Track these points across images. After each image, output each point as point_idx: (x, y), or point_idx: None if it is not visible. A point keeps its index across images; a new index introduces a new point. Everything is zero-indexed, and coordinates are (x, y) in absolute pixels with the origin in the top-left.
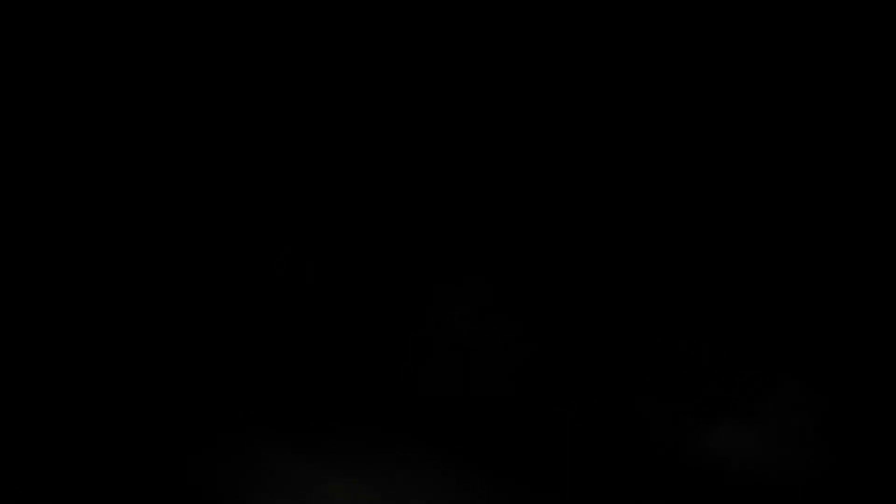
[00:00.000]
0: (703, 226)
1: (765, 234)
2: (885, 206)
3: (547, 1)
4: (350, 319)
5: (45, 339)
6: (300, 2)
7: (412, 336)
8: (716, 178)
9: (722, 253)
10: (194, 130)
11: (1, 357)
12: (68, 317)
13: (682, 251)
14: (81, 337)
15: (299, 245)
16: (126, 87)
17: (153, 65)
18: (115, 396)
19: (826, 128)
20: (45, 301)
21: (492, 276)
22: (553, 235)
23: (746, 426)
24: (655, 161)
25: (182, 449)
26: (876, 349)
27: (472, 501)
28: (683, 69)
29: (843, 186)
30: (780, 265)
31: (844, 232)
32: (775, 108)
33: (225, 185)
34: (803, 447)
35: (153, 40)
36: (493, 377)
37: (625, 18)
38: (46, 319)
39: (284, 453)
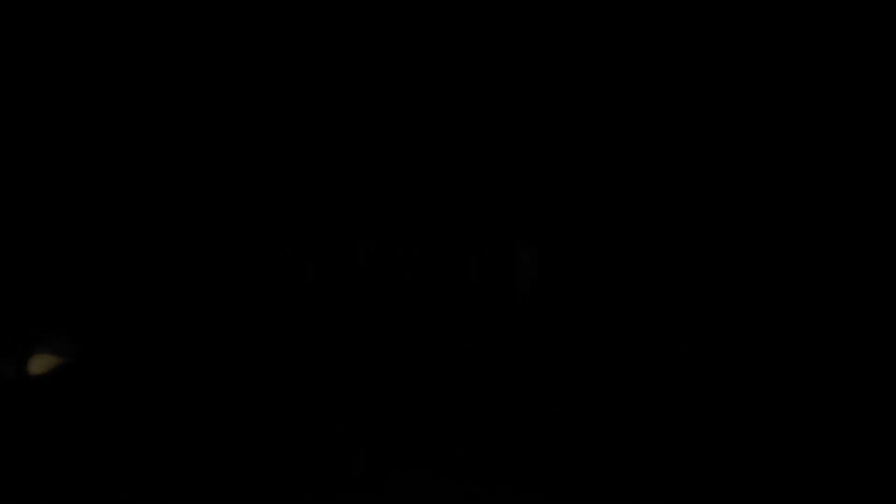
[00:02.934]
0: (703, 227)
1: (764, 234)
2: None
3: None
4: (349, 319)
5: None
6: (300, 3)
7: (412, 336)
8: (716, 179)
9: (721, 254)
10: (196, 132)
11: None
12: (67, 315)
13: (682, 252)
14: (82, 337)
15: (299, 245)
16: (128, 89)
17: (154, 67)
18: (117, 397)
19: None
20: (44, 301)
21: (492, 275)
22: (554, 237)
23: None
24: (656, 163)
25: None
26: (874, 348)
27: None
28: (684, 69)
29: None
30: (779, 265)
31: (843, 232)
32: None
33: (226, 186)
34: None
35: (155, 42)
36: (493, 377)
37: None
38: (45, 319)
39: (282, 452)
